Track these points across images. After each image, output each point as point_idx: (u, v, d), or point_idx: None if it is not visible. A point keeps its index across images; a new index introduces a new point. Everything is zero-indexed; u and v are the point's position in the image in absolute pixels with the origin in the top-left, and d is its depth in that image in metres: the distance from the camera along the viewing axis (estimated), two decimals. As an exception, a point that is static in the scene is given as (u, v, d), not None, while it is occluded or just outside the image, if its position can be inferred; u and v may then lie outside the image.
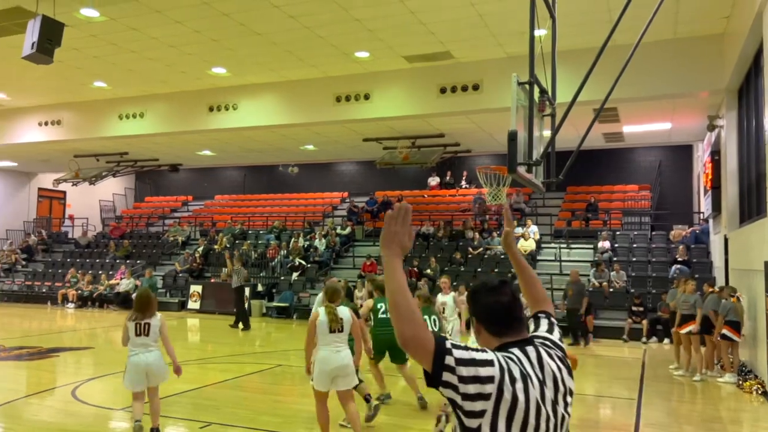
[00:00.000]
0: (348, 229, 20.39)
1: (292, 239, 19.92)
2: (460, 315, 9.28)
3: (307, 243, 19.70)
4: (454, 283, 16.23)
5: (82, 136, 18.08)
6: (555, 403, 1.80)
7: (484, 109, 13.47)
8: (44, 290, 21.46)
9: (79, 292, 20.19)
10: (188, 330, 15.98)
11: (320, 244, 19.46)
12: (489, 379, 1.70)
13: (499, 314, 1.91)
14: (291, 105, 15.22)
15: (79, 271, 21.44)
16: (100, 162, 21.22)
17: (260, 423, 6.61)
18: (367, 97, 14.37)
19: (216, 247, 20.12)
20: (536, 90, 6.80)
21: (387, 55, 13.24)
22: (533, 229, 18.06)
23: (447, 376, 1.68)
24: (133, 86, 15.99)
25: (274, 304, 17.65)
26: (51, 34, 10.29)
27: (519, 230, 18.38)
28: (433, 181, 23.48)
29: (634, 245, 17.38)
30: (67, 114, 18.03)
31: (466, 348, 1.74)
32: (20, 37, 10.48)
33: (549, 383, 1.81)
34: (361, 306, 8.87)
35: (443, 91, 13.71)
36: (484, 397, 1.69)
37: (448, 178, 23.46)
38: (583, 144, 18.68)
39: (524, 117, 6.51)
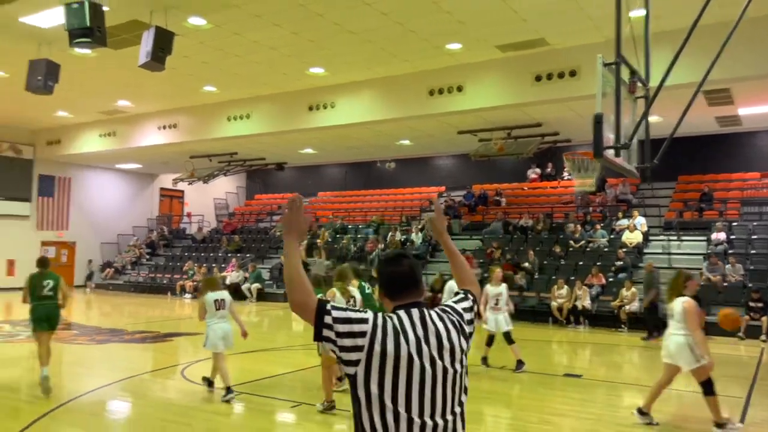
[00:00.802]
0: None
1: (390, 233, 20.25)
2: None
3: (404, 237, 19.94)
4: (553, 277, 15.84)
5: (195, 138, 19.42)
6: (439, 357, 2.06)
7: (583, 96, 12.96)
8: (165, 281, 23.30)
9: (195, 283, 21.71)
10: (293, 320, 16.73)
11: (417, 237, 19.65)
12: (362, 334, 2.01)
13: (393, 282, 2.21)
14: (386, 101, 15.49)
15: (195, 264, 23.05)
16: (213, 162, 22.67)
17: (346, 404, 6.85)
18: (460, 89, 14.32)
19: (318, 241, 20.87)
20: (627, 72, 6.55)
21: (479, 46, 13.14)
22: (640, 221, 17.18)
23: (326, 332, 2.01)
24: (239, 89, 16.95)
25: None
26: (163, 43, 11.20)
27: (624, 222, 17.58)
28: (533, 173, 22.92)
29: (754, 237, 16.05)
30: (182, 117, 19.44)
31: (345, 309, 2.07)
32: (137, 48, 11.46)
33: (432, 340, 2.08)
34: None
35: (538, 79, 13.39)
36: (358, 349, 2.00)
37: (549, 169, 22.80)
38: (696, 130, 17.60)
39: (613, 99, 6.29)
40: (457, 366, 2.12)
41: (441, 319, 2.16)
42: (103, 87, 16.91)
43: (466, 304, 2.34)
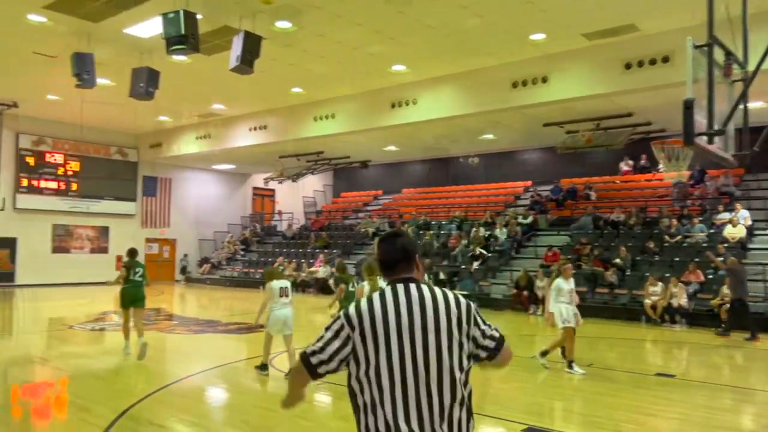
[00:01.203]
0: (530, 218, 19.99)
1: (473, 229, 20.09)
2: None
3: (488, 233, 19.72)
4: (646, 274, 15.15)
5: (283, 138, 20.13)
6: (421, 327, 2.15)
7: (676, 82, 12.30)
8: (257, 276, 24.29)
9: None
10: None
11: (501, 233, 19.37)
12: (341, 327, 2.20)
13: (384, 258, 2.35)
14: (468, 95, 15.38)
15: (285, 260, 23.89)
16: (301, 161, 23.40)
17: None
18: (544, 80, 14.00)
19: (402, 237, 21.06)
20: (722, 54, 6.19)
21: (564, 35, 12.80)
22: (743, 214, 16.04)
23: (320, 370, 2.23)
24: (324, 89, 17.40)
25: (456, 292, 18.01)
26: (251, 47, 11.71)
27: (726, 215, 16.50)
28: (626, 165, 21.93)
29: None
30: (271, 119, 20.20)
31: (320, 338, 2.24)
32: (229, 53, 12.03)
33: (415, 309, 2.18)
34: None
35: (628, 66, 12.85)
36: (345, 341, 2.18)
37: (643, 161, 21.74)
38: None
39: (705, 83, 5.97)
40: (443, 336, 2.16)
41: (431, 290, 2.25)
42: (198, 92, 17.89)
43: (488, 327, 2.34)
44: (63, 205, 23.56)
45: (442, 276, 18.47)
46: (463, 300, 2.31)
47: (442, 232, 21.50)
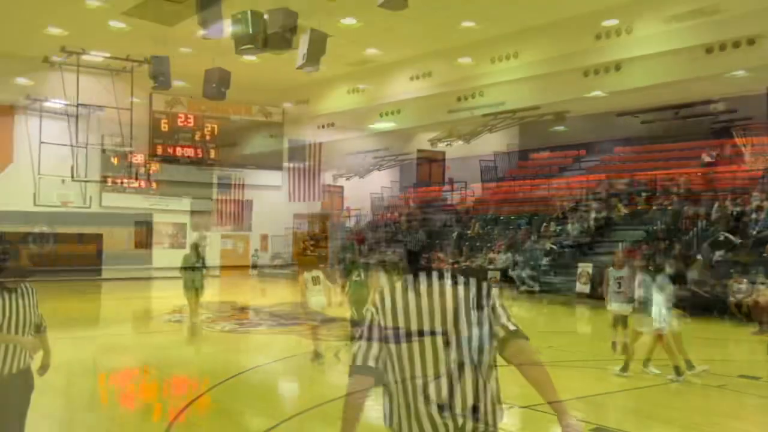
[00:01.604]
0: (604, 213, 19.28)
1: (543, 224, 19.60)
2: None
3: (560, 227, 19.19)
4: (731, 270, 14.29)
5: (349, 136, 20.45)
6: (442, 314, 2.19)
7: (763, 65, 11.60)
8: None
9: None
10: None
11: (573, 228, 18.79)
12: (370, 313, 2.28)
13: (409, 249, 2.40)
14: (536, 85, 14.99)
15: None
16: (367, 158, 23.59)
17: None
18: (618, 67, 13.46)
19: (469, 232, 20.83)
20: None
21: (639, 19, 12.28)
22: (841, 207, 14.87)
23: (370, 361, 2.23)
24: (388, 85, 17.44)
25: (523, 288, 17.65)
26: (317, 45, 11.90)
27: (821, 208, 15.33)
28: (708, 156, 20.75)
29: None
30: (338, 117, 20.43)
31: (359, 345, 2.27)
32: (295, 52, 12.26)
33: (435, 296, 2.22)
34: None
35: (710, 51, 12.16)
36: (377, 324, 2.24)
37: (727, 151, 20.47)
38: None
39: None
40: (462, 322, 2.17)
41: (455, 278, 2.30)
42: (265, 90, 18.34)
43: (504, 313, 2.27)
44: (144, 203, 24.75)
45: (510, 272, 18.14)
46: (483, 285, 2.34)
47: (510, 227, 21.09)
